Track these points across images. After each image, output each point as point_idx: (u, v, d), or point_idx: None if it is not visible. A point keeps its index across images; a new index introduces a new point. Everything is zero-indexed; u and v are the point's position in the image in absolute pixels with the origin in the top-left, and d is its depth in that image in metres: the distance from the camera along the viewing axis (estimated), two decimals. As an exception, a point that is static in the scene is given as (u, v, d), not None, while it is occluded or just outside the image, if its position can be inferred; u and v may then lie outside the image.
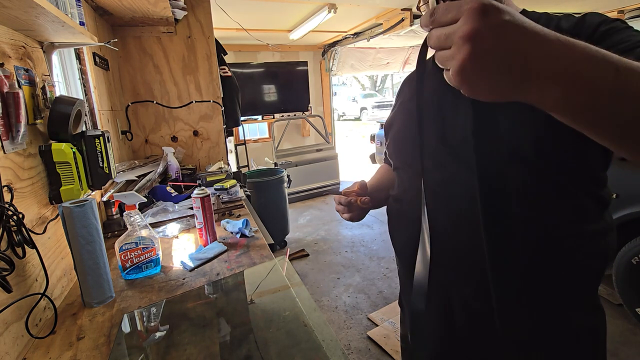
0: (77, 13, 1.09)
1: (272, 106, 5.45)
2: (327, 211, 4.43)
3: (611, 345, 1.86)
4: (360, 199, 0.79)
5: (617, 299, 2.08)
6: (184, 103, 2.24)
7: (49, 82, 1.03)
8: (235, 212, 1.59)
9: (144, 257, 1.04)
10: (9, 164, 0.79)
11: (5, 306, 0.70)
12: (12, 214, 0.73)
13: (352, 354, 1.98)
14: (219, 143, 2.37)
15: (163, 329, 0.85)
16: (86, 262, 0.87)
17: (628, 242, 1.93)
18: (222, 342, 0.79)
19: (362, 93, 17.32)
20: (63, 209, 0.84)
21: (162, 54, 2.14)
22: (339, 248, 3.35)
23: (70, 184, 0.98)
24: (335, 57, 5.38)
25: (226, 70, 2.50)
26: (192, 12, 2.14)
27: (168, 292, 0.96)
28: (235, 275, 1.04)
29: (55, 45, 1.11)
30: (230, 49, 4.68)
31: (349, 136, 11.86)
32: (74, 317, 0.87)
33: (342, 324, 2.23)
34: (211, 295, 0.99)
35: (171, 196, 1.72)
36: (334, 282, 2.73)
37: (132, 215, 1.03)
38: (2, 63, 0.81)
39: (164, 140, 2.23)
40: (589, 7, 4.22)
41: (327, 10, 3.17)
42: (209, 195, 1.20)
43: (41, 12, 0.78)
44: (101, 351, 0.75)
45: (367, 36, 4.32)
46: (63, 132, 1.00)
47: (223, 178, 1.81)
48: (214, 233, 1.23)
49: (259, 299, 1.00)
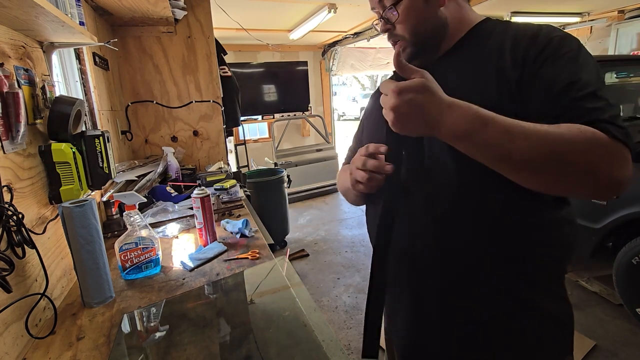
0: (77, 13, 1.09)
1: (272, 106, 5.45)
2: (327, 211, 4.43)
3: (611, 345, 1.86)
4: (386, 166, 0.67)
5: (617, 299, 2.08)
6: (183, 103, 2.24)
7: (48, 82, 1.03)
8: (235, 212, 1.59)
9: (143, 257, 1.04)
10: (8, 164, 0.79)
11: (5, 306, 0.70)
12: (12, 214, 0.73)
13: (352, 354, 1.98)
14: (219, 143, 2.37)
15: (163, 329, 0.85)
16: (86, 262, 0.87)
17: (628, 242, 1.92)
18: (222, 342, 0.79)
19: (362, 93, 17.32)
20: (63, 209, 0.84)
21: (162, 53, 2.14)
22: (339, 248, 3.35)
23: (70, 184, 0.98)
24: (335, 57, 5.38)
25: (226, 70, 2.50)
26: (192, 12, 2.14)
27: (168, 292, 0.96)
28: (235, 275, 1.04)
29: (55, 45, 1.11)
30: (230, 49, 4.68)
31: (349, 136, 11.86)
32: (73, 317, 0.87)
33: (342, 324, 2.23)
34: (211, 295, 0.99)
35: (171, 196, 1.72)
36: (334, 282, 2.73)
37: (132, 215, 1.03)
38: (2, 63, 0.80)
39: (164, 140, 2.23)
40: (589, 7, 4.22)
41: (327, 10, 3.17)
42: (209, 195, 1.20)
43: (41, 12, 0.78)
44: (101, 351, 0.75)
45: (367, 36, 4.32)
46: (63, 132, 1.00)
47: (223, 178, 1.81)
48: (213, 233, 1.23)
49: (259, 299, 1.00)
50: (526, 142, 0.50)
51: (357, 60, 5.53)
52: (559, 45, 0.58)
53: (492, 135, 0.51)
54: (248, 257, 1.13)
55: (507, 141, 0.50)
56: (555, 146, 0.50)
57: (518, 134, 0.50)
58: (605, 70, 2.81)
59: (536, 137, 0.50)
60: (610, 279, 2.05)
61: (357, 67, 5.65)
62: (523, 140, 0.50)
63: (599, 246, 2.06)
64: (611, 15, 4.47)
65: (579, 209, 2.12)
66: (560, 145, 0.50)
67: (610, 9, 4.33)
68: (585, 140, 0.50)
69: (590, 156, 0.50)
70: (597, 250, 2.08)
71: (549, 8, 4.12)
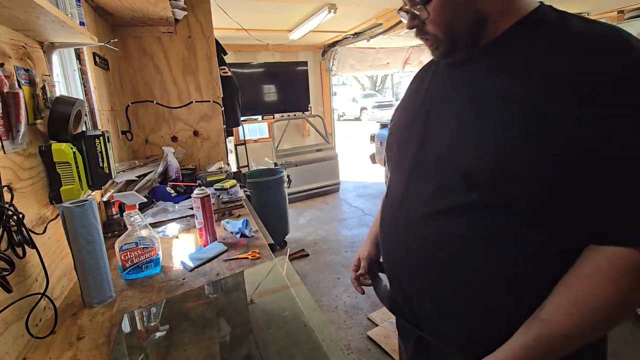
0: (77, 13, 1.09)
1: (272, 106, 5.45)
2: (327, 211, 4.42)
3: (611, 345, 1.86)
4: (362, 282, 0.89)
5: (617, 299, 2.08)
6: (184, 103, 2.24)
7: (49, 82, 1.03)
8: (235, 212, 1.59)
9: (144, 257, 1.04)
10: (9, 164, 0.79)
11: (6, 306, 0.70)
12: (12, 214, 0.73)
13: (352, 354, 1.98)
14: (219, 143, 2.37)
15: (163, 329, 0.85)
16: (86, 262, 0.87)
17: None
18: (222, 342, 0.79)
19: (362, 93, 17.31)
20: (63, 209, 0.84)
21: (162, 54, 2.14)
22: (339, 248, 3.35)
23: (70, 184, 0.98)
24: (335, 57, 5.38)
25: (226, 70, 2.50)
26: (192, 12, 2.14)
27: (168, 292, 0.96)
28: (235, 275, 1.04)
29: (55, 45, 1.11)
30: (230, 49, 4.68)
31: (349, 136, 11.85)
32: (74, 317, 0.87)
33: (342, 324, 2.23)
34: (211, 295, 0.99)
35: (171, 196, 1.72)
36: (334, 282, 2.73)
37: (132, 215, 1.03)
38: (2, 63, 0.81)
39: (164, 140, 2.23)
40: (589, 7, 4.23)
41: (327, 10, 3.17)
42: (209, 195, 1.20)
43: (41, 12, 0.78)
44: (101, 351, 0.75)
45: (367, 36, 4.32)
46: (63, 132, 1.00)
47: (223, 178, 1.81)
48: (214, 233, 1.23)
49: (259, 299, 1.00)
50: (586, 332, 0.49)
51: (357, 61, 5.52)
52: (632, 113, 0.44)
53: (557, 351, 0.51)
54: (248, 257, 1.13)
55: (555, 352, 0.51)
56: (608, 312, 0.48)
57: (574, 333, 0.49)
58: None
59: (589, 321, 0.49)
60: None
61: (357, 67, 5.64)
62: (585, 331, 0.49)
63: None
64: (611, 15, 4.48)
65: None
66: (612, 307, 0.48)
67: (610, 9, 4.33)
68: (623, 289, 0.47)
69: (634, 302, 0.49)
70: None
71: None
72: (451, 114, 0.60)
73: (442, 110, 0.62)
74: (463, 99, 0.59)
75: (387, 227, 0.73)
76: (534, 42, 0.53)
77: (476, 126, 0.55)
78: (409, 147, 0.67)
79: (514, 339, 0.53)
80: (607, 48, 0.46)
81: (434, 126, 0.62)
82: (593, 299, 0.48)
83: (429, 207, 0.61)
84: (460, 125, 0.58)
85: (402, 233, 0.67)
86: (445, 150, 0.59)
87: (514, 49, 0.55)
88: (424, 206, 0.62)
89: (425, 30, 0.60)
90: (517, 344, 0.52)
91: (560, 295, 0.51)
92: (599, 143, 0.45)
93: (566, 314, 0.49)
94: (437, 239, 0.60)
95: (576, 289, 0.49)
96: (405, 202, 0.66)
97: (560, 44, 0.50)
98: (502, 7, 0.56)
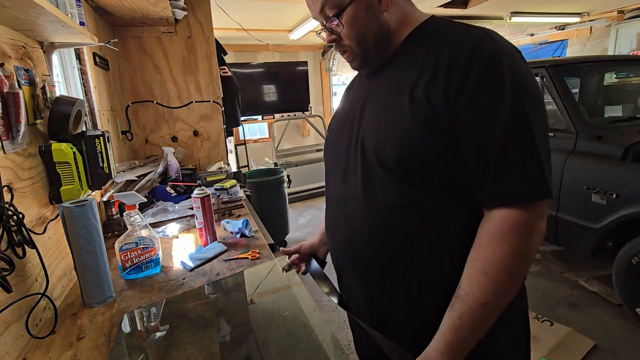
0: (77, 13, 1.09)
1: (272, 106, 5.46)
2: (327, 211, 4.42)
3: (611, 345, 1.86)
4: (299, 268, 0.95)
5: (617, 299, 2.08)
6: (184, 103, 2.24)
7: (49, 82, 1.03)
8: (235, 212, 1.59)
9: (144, 257, 1.04)
10: (9, 164, 0.79)
11: (6, 306, 0.70)
12: (12, 214, 0.73)
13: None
14: (219, 143, 2.37)
15: (163, 329, 0.85)
16: (86, 262, 0.87)
17: (628, 242, 1.92)
18: (222, 342, 0.79)
19: (362, 93, 17.26)
20: (63, 209, 0.84)
21: (162, 54, 2.14)
22: (339, 248, 3.35)
23: (70, 184, 0.98)
24: (335, 57, 5.38)
25: (226, 70, 2.50)
26: (192, 12, 2.14)
27: (168, 292, 0.96)
28: (235, 275, 1.04)
29: (55, 45, 1.11)
30: (230, 49, 4.68)
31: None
32: (74, 317, 0.87)
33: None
34: (211, 295, 0.99)
35: (171, 196, 1.72)
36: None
37: (132, 215, 1.03)
38: (2, 63, 0.81)
39: (164, 140, 2.23)
40: (589, 7, 4.23)
41: (327, 10, 3.17)
42: (209, 195, 1.20)
43: (41, 12, 0.78)
44: (101, 351, 0.75)
45: (367, 36, 4.32)
46: (63, 132, 1.00)
47: (223, 178, 1.82)
48: (214, 233, 1.23)
49: (259, 299, 1.00)
50: (485, 309, 0.55)
51: (357, 61, 5.52)
52: (485, 73, 0.56)
53: (469, 335, 0.55)
54: (248, 257, 1.13)
55: (480, 323, 0.55)
56: (502, 276, 0.54)
57: (474, 316, 0.55)
58: (605, 71, 2.81)
59: (488, 299, 0.54)
60: (610, 279, 2.05)
61: (357, 67, 5.65)
62: (484, 311, 0.55)
63: (598, 246, 2.06)
64: (611, 15, 4.48)
65: (579, 209, 2.12)
66: (507, 271, 0.54)
67: (610, 9, 4.33)
68: (517, 248, 0.54)
69: (529, 254, 0.56)
70: (597, 250, 2.08)
71: (548, 8, 4.12)
72: (372, 113, 0.69)
73: (364, 113, 0.70)
74: (378, 99, 0.68)
75: (331, 228, 0.81)
76: (425, 42, 0.64)
77: (383, 117, 0.65)
78: (341, 151, 0.74)
79: (443, 323, 0.58)
80: (473, 42, 0.58)
81: (360, 127, 0.70)
82: (495, 263, 0.54)
83: (361, 200, 0.67)
84: (376, 120, 0.67)
85: (343, 229, 0.73)
86: (367, 143, 0.67)
87: (412, 51, 0.66)
88: (358, 199, 0.68)
89: (342, 44, 0.69)
90: (445, 327, 0.57)
91: (471, 269, 0.57)
92: (461, 111, 0.56)
93: (479, 284, 0.55)
94: (372, 228, 0.67)
95: (481, 259, 0.56)
96: (342, 200, 0.73)
97: (444, 42, 0.61)
98: (400, 19, 0.66)
